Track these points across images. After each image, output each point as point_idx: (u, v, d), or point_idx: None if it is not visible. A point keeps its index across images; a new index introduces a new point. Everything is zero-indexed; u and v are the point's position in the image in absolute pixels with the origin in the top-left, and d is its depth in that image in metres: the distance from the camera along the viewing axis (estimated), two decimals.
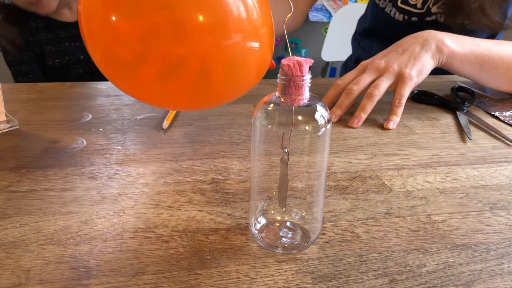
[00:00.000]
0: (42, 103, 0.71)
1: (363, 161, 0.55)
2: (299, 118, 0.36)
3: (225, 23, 0.46)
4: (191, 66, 0.47)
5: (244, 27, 0.48)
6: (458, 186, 0.50)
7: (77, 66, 1.18)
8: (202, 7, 0.45)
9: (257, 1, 0.49)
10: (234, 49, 0.48)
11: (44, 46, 1.14)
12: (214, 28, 0.46)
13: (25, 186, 0.47)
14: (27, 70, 1.15)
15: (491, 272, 0.37)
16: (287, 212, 0.40)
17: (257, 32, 0.49)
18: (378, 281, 0.35)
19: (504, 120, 0.70)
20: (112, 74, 0.52)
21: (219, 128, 0.63)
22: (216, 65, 0.48)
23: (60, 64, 1.16)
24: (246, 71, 0.50)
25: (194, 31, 0.45)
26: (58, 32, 1.15)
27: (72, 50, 1.17)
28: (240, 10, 0.47)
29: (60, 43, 1.15)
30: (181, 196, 0.46)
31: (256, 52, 0.50)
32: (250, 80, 0.53)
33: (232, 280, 0.35)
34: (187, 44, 0.46)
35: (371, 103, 0.67)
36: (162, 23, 0.45)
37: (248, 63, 0.50)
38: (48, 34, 1.14)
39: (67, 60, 1.16)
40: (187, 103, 0.55)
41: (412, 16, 0.95)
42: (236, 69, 0.50)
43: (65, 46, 1.16)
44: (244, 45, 0.48)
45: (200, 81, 0.49)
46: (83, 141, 0.58)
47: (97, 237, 0.39)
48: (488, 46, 0.73)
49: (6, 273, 0.35)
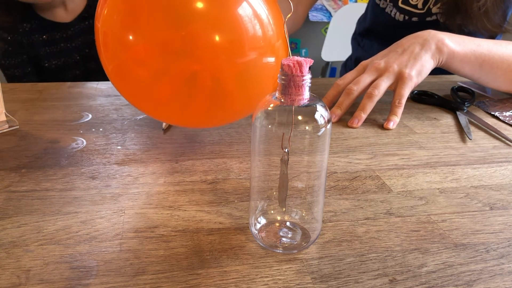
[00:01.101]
0: (42, 103, 0.71)
1: (363, 161, 0.55)
2: (299, 118, 0.36)
3: (241, 42, 0.46)
4: (206, 84, 0.47)
5: (259, 45, 0.47)
6: (458, 186, 0.50)
7: (74, 67, 1.17)
8: (217, 27, 0.45)
9: (272, 16, 0.49)
10: (249, 66, 0.48)
11: (40, 48, 1.12)
12: (229, 46, 0.46)
13: (25, 186, 0.47)
14: (20, 74, 1.13)
15: (491, 272, 0.37)
16: (287, 212, 0.40)
17: (272, 47, 0.49)
18: (378, 281, 0.35)
19: (504, 120, 0.70)
20: (123, 88, 0.52)
21: (219, 128, 0.63)
22: (231, 82, 0.48)
23: (56, 66, 1.14)
24: (262, 86, 0.50)
25: (209, 49, 0.45)
26: (53, 33, 1.13)
27: (68, 51, 1.15)
28: (255, 28, 0.47)
29: (56, 44, 1.14)
30: (181, 196, 0.46)
31: (272, 67, 0.49)
32: (266, 93, 0.53)
33: (232, 280, 0.35)
34: (201, 62, 0.46)
35: (371, 103, 0.67)
36: (177, 41, 0.45)
37: (264, 78, 0.50)
38: (43, 35, 1.12)
39: (63, 62, 1.15)
40: (201, 121, 0.55)
41: (413, 16, 0.95)
42: (252, 85, 0.49)
43: (60, 48, 1.14)
44: (260, 61, 0.48)
45: (215, 99, 0.49)
46: (83, 141, 0.58)
47: (97, 237, 0.39)
48: (488, 46, 0.73)
49: (6, 273, 0.35)
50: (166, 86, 0.48)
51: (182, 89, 0.48)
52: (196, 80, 0.46)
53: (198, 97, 0.48)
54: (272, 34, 0.48)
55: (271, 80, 0.50)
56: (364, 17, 1.13)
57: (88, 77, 1.17)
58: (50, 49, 1.14)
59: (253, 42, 0.47)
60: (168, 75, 0.46)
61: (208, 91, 0.48)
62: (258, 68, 0.48)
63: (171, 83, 0.47)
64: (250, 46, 0.47)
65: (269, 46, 0.48)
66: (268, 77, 0.50)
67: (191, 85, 0.47)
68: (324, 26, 2.59)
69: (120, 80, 0.51)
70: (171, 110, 0.52)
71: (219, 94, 0.48)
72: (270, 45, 0.48)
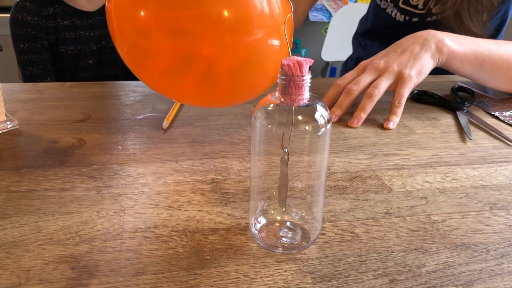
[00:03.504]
0: (42, 103, 0.71)
1: (363, 161, 0.55)
2: (299, 118, 0.36)
3: (249, 19, 0.47)
4: (208, 62, 0.48)
5: (266, 24, 0.48)
6: (458, 186, 0.50)
7: (88, 56, 1.19)
8: (227, 3, 0.46)
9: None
10: (255, 46, 0.48)
11: (60, 32, 1.15)
12: (237, 23, 0.46)
13: (25, 186, 0.47)
14: (38, 60, 1.15)
15: (491, 272, 0.37)
16: (287, 212, 0.40)
17: (278, 29, 0.49)
18: (378, 281, 0.35)
19: (504, 120, 0.70)
20: (138, 68, 0.53)
21: (219, 128, 0.63)
22: (235, 62, 0.48)
23: (72, 52, 1.17)
24: (264, 70, 0.51)
25: (219, 26, 0.46)
26: (75, 20, 1.16)
27: (86, 39, 1.18)
28: (263, 5, 0.47)
29: (76, 30, 1.16)
30: (181, 196, 0.46)
31: (276, 52, 0.50)
32: (266, 82, 0.53)
33: (232, 280, 0.35)
34: (211, 39, 0.47)
35: (371, 103, 0.67)
36: (187, 18, 0.46)
37: (267, 62, 0.50)
38: (65, 20, 1.15)
39: (80, 49, 1.17)
40: (198, 99, 0.56)
41: (413, 16, 0.95)
42: (255, 67, 0.50)
43: (80, 35, 1.17)
44: (266, 42, 0.49)
45: (208, 79, 0.49)
46: (83, 141, 0.58)
47: (97, 237, 0.39)
48: (488, 46, 0.73)
49: (6, 273, 0.35)
50: (172, 62, 0.49)
51: (183, 66, 0.48)
52: (201, 58, 0.47)
53: (196, 74, 0.49)
54: (279, 14, 0.49)
55: (273, 65, 0.51)
56: (365, 17, 1.13)
57: (100, 68, 1.20)
58: (69, 34, 1.16)
59: (260, 20, 0.47)
60: (176, 51, 0.47)
61: (207, 70, 0.49)
62: (264, 49, 0.49)
63: (179, 59, 0.48)
64: (257, 24, 0.47)
65: (275, 26, 0.49)
66: (271, 61, 0.50)
67: (198, 63, 0.48)
68: (324, 26, 2.59)
69: (134, 61, 0.53)
70: (183, 90, 0.53)
71: (218, 73, 0.49)
72: (276, 26, 0.49)
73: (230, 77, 0.50)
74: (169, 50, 0.48)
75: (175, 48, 0.48)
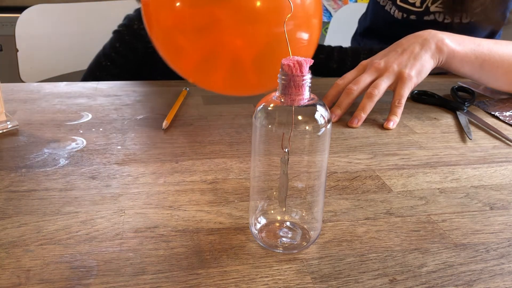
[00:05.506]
0: (42, 103, 0.71)
1: (363, 161, 0.55)
2: (299, 118, 0.36)
3: (280, 9, 0.47)
4: (243, 55, 0.49)
5: (297, 15, 0.49)
6: (458, 186, 0.50)
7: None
8: None
9: None
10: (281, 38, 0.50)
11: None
12: (269, 14, 0.47)
13: (25, 186, 0.47)
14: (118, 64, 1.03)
15: (491, 272, 0.37)
16: (287, 212, 0.40)
17: (308, 21, 0.51)
18: (378, 281, 0.35)
19: (504, 120, 0.70)
20: (172, 58, 0.56)
21: (219, 128, 0.63)
22: (261, 52, 0.49)
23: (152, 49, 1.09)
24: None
25: (250, 18, 0.47)
26: None
27: None
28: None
29: None
30: (181, 196, 0.46)
31: (302, 47, 0.51)
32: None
33: (232, 280, 0.35)
34: (242, 31, 0.48)
35: (371, 102, 0.67)
36: (218, 11, 0.48)
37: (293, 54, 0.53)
38: None
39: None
40: (230, 88, 0.59)
41: (411, 14, 0.96)
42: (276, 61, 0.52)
43: None
44: (294, 35, 0.50)
45: (237, 68, 0.52)
46: (83, 141, 0.58)
47: (97, 237, 0.39)
48: (489, 45, 0.73)
49: (6, 273, 0.35)
50: (206, 52, 0.51)
51: (211, 58, 0.51)
52: (230, 48, 0.49)
53: (227, 66, 0.51)
54: (310, 5, 0.49)
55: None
56: (364, 16, 1.14)
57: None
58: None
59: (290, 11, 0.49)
60: (210, 43, 0.50)
61: (235, 60, 0.51)
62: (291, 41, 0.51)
63: (211, 50, 0.50)
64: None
65: (306, 17, 0.49)
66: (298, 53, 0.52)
67: (227, 54, 0.50)
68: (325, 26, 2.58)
69: (167, 51, 0.55)
70: (215, 80, 0.55)
71: (246, 63, 0.50)
72: (307, 17, 0.49)
73: (257, 67, 0.50)
74: (199, 42, 0.50)
75: (205, 41, 0.50)
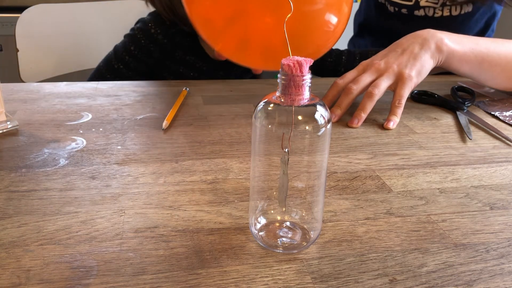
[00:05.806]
0: (42, 103, 0.71)
1: (363, 161, 0.55)
2: (299, 118, 0.36)
3: None
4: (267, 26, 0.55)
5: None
6: (458, 186, 0.50)
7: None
8: None
9: None
10: (310, 17, 0.53)
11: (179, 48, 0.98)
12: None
13: (25, 186, 0.47)
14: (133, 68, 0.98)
15: (491, 272, 0.37)
16: (287, 212, 0.40)
17: (339, 5, 0.53)
18: (378, 281, 0.35)
19: (504, 120, 0.70)
20: (209, 34, 0.63)
21: (219, 128, 0.63)
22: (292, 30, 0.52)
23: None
24: (306, 48, 0.56)
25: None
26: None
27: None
28: None
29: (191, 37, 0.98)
30: (181, 196, 0.46)
31: (328, 32, 0.54)
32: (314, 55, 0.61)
33: (232, 280, 0.35)
34: (273, 8, 0.52)
35: (371, 102, 0.67)
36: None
37: (312, 42, 0.56)
38: (186, 38, 0.97)
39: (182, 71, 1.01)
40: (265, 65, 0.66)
41: (402, 8, 0.97)
42: (303, 41, 0.55)
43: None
44: (322, 16, 0.52)
45: (268, 46, 0.57)
46: (83, 141, 0.58)
47: (97, 237, 0.39)
48: (487, 44, 0.73)
49: (6, 273, 0.35)
50: (240, 29, 0.57)
51: (254, 38, 0.56)
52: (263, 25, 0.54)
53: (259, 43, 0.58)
54: None
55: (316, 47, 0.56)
56: (359, 11, 1.16)
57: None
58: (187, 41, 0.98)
59: None
60: (242, 19, 0.55)
61: (266, 39, 0.56)
62: (317, 22, 0.53)
63: (245, 26, 0.56)
64: None
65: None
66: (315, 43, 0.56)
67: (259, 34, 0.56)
68: None
69: (203, 28, 0.62)
70: (251, 58, 0.62)
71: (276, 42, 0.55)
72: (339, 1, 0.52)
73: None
74: (234, 24, 0.55)
75: (238, 22, 0.55)
